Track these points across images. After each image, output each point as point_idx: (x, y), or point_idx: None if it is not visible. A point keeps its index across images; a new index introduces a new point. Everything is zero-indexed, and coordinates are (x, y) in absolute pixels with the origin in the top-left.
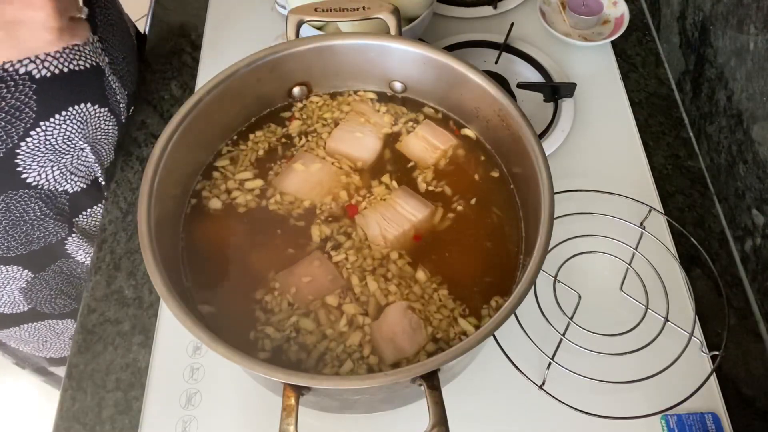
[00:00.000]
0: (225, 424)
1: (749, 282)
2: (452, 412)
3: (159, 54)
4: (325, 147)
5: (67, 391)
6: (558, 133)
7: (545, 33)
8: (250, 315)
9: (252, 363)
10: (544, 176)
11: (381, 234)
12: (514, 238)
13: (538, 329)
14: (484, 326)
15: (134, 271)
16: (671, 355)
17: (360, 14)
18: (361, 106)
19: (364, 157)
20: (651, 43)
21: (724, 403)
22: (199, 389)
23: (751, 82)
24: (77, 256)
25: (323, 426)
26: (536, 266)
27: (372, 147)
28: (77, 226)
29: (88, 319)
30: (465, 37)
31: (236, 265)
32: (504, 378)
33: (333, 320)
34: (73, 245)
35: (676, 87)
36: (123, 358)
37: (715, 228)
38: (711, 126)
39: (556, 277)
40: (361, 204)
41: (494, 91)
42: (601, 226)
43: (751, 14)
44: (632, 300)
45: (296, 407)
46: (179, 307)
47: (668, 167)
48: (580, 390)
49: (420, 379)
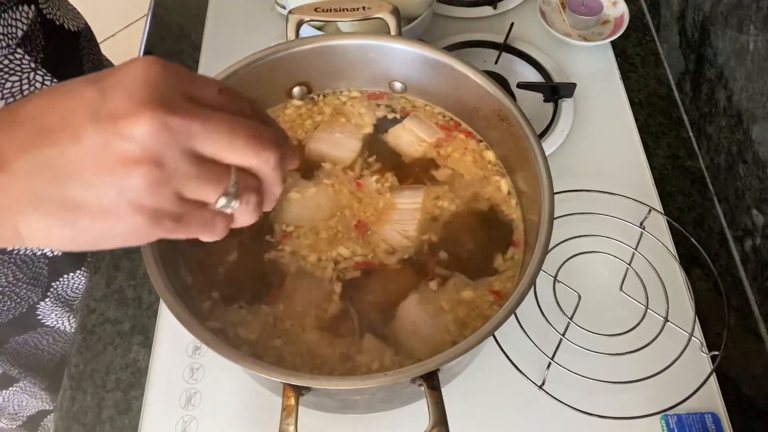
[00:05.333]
0: (225, 424)
1: (749, 282)
2: (452, 412)
3: (159, 54)
4: (305, 149)
5: (67, 391)
6: (558, 133)
7: (545, 33)
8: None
9: (252, 363)
10: (544, 176)
11: (402, 236)
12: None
13: (538, 329)
14: (484, 326)
15: (134, 271)
16: (671, 355)
17: (360, 14)
18: (344, 108)
19: (344, 157)
20: (651, 43)
21: (724, 403)
22: (199, 389)
23: (750, 82)
24: (47, 321)
25: (323, 426)
26: (536, 266)
27: (352, 147)
28: (52, 293)
29: (88, 319)
30: (465, 37)
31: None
32: (504, 378)
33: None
34: (45, 309)
35: (675, 87)
36: (123, 358)
37: (715, 228)
38: (711, 126)
39: (556, 277)
40: (368, 218)
41: (494, 91)
42: (601, 226)
43: (751, 14)
44: (632, 300)
45: (296, 407)
46: (179, 307)
47: (668, 167)
48: (580, 390)
49: (420, 379)
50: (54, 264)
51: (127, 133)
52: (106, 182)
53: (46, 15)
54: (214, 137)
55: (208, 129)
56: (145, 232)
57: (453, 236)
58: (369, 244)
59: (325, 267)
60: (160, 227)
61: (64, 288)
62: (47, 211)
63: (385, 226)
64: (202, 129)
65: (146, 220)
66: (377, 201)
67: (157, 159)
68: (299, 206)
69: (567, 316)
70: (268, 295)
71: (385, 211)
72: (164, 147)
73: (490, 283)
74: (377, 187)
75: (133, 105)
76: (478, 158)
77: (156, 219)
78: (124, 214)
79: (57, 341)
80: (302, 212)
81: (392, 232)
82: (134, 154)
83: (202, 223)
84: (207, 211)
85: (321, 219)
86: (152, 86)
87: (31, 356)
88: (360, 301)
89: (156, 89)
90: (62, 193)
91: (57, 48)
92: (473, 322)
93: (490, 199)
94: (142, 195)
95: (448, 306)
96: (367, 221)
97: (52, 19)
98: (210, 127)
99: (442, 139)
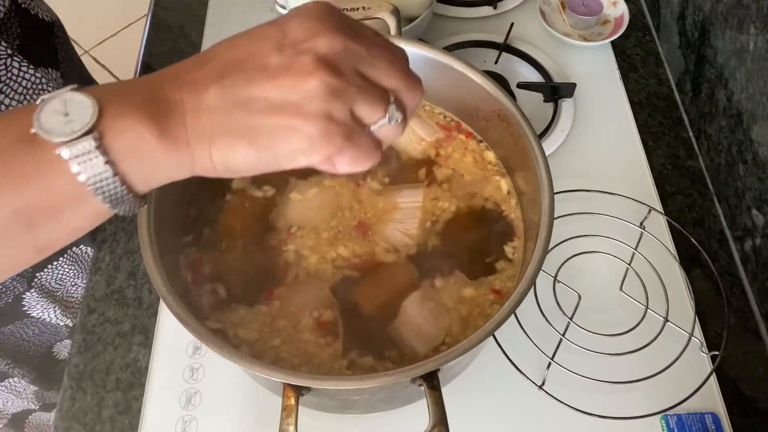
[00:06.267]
0: (225, 424)
1: (749, 282)
2: (452, 412)
3: (159, 54)
4: None
5: (67, 391)
6: (558, 133)
7: (545, 33)
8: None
9: (252, 363)
10: (544, 176)
11: (404, 234)
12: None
13: (538, 329)
14: (484, 326)
15: (134, 271)
16: (671, 355)
17: (360, 14)
18: None
19: None
20: (651, 43)
21: (724, 403)
22: (199, 389)
23: (751, 82)
24: (33, 312)
25: (323, 426)
26: (536, 266)
27: None
28: (36, 284)
29: (88, 319)
30: (465, 37)
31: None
32: (504, 378)
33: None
34: (31, 300)
35: (675, 87)
36: (123, 358)
37: (715, 228)
38: (711, 126)
39: (556, 277)
40: (369, 219)
41: (494, 91)
42: (601, 226)
43: (751, 14)
44: (632, 300)
45: (296, 407)
46: (179, 307)
47: (668, 167)
48: (580, 390)
49: (420, 379)
50: None
51: (309, 48)
52: (288, 92)
53: (21, 4)
54: (377, 63)
55: (373, 55)
56: (320, 145)
57: (453, 236)
58: (370, 244)
59: (326, 267)
60: (331, 142)
61: (48, 279)
62: (237, 135)
63: (386, 226)
64: (367, 54)
65: (321, 130)
66: (377, 201)
67: (334, 67)
68: (301, 207)
69: (567, 316)
70: (268, 295)
71: (386, 210)
72: (339, 60)
73: (490, 282)
74: (378, 188)
75: (312, 31)
76: (478, 158)
77: (329, 131)
78: (302, 125)
79: (43, 332)
80: (303, 213)
81: (394, 231)
82: (314, 65)
83: (366, 144)
84: (370, 134)
85: (322, 219)
86: (325, 17)
87: (18, 347)
88: (361, 301)
89: (328, 19)
90: (249, 115)
91: (32, 36)
92: (475, 321)
93: (490, 199)
94: (321, 99)
95: (451, 303)
96: (368, 221)
97: (27, 9)
98: (374, 53)
99: (442, 139)
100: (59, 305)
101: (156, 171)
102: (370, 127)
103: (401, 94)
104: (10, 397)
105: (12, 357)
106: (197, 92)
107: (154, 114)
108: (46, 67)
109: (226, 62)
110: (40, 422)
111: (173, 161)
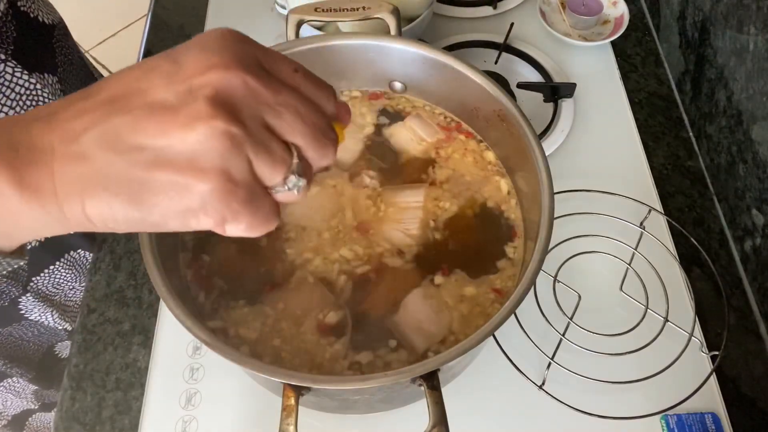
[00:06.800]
0: (225, 424)
1: (749, 282)
2: (452, 412)
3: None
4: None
5: (67, 391)
6: (558, 133)
7: (545, 33)
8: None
9: (252, 363)
10: (544, 176)
11: (405, 234)
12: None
13: (538, 329)
14: (484, 326)
15: (134, 271)
16: (671, 355)
17: (360, 14)
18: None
19: (346, 157)
20: (651, 43)
21: (724, 403)
22: (199, 389)
23: (751, 82)
24: (31, 316)
25: (323, 426)
26: (536, 266)
27: (353, 147)
28: (32, 288)
29: (88, 319)
30: (465, 37)
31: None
32: (504, 378)
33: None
34: (27, 304)
35: (675, 87)
36: (123, 358)
37: (715, 228)
38: (711, 126)
39: (556, 277)
40: (370, 219)
41: (494, 91)
42: (601, 226)
43: (751, 14)
44: (632, 300)
45: (296, 407)
46: (179, 307)
47: (668, 167)
48: (580, 390)
49: (420, 379)
50: (34, 256)
51: (203, 85)
52: (176, 141)
53: (20, 7)
54: (282, 112)
55: (279, 102)
56: (212, 208)
57: (454, 236)
58: (371, 243)
59: (327, 267)
60: (226, 205)
61: (44, 283)
62: (115, 191)
63: (387, 226)
64: (273, 100)
65: (216, 190)
66: (378, 201)
67: (232, 112)
68: (301, 207)
69: (567, 316)
70: (268, 295)
71: (387, 210)
72: (239, 103)
73: (491, 281)
74: (378, 187)
75: (209, 64)
76: (478, 158)
77: (226, 192)
78: (192, 182)
79: (42, 333)
80: (304, 213)
81: (394, 231)
82: (208, 108)
83: (264, 209)
84: (269, 195)
85: (323, 219)
86: (227, 48)
87: (17, 348)
88: (362, 301)
89: (231, 50)
90: (130, 166)
91: (29, 40)
92: (476, 320)
93: (491, 199)
94: (217, 152)
95: (452, 302)
96: (368, 221)
97: (26, 12)
98: (282, 99)
99: (442, 140)
100: (57, 309)
101: (18, 227)
102: (269, 189)
103: (307, 152)
104: (9, 397)
105: (10, 357)
106: (70, 136)
107: (13, 160)
108: (42, 72)
109: (109, 97)
110: (41, 424)
111: (38, 216)
